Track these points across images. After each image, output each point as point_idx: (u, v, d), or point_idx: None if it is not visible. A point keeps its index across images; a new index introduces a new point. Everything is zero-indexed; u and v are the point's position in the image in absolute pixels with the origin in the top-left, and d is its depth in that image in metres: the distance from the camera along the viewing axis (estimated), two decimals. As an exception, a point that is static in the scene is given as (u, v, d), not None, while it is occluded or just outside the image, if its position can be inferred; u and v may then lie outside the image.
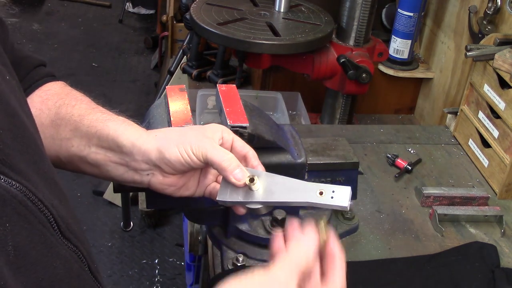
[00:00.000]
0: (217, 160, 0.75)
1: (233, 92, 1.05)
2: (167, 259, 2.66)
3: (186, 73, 2.25)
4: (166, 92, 1.01)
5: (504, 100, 1.36)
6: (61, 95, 0.87)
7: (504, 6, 1.55)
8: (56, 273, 0.58)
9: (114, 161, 0.82)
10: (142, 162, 0.80)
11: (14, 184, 0.55)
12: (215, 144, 0.77)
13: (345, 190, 0.75)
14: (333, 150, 1.13)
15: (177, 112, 0.97)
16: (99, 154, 0.82)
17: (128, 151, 0.80)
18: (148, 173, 0.82)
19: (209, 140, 0.78)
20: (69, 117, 0.84)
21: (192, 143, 0.77)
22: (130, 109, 3.75)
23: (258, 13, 1.77)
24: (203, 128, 0.82)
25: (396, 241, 1.23)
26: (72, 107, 0.85)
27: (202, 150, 0.76)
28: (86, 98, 0.89)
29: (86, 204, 2.92)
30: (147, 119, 1.00)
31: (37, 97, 0.87)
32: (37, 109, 0.84)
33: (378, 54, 1.79)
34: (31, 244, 0.56)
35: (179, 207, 1.07)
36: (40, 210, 0.59)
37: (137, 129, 0.82)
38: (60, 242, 0.61)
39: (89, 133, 0.82)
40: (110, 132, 0.81)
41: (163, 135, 0.80)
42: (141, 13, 5.17)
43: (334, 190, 0.75)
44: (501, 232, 1.27)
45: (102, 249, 2.68)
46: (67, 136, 0.83)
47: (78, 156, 0.84)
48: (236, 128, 0.96)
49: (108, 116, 0.84)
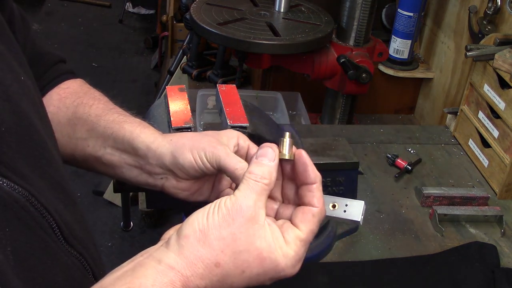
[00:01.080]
0: (230, 168, 0.73)
1: (233, 92, 1.05)
2: (167, 259, 2.65)
3: (186, 73, 2.25)
4: (166, 92, 1.01)
5: (504, 100, 1.36)
6: (79, 93, 0.87)
7: (504, 6, 1.55)
8: (55, 281, 0.57)
9: (128, 163, 0.82)
10: (156, 166, 0.79)
11: (16, 188, 0.55)
12: (229, 151, 0.75)
13: (358, 204, 0.74)
14: (333, 150, 1.13)
15: (177, 112, 0.96)
16: (114, 155, 0.82)
17: (143, 154, 0.79)
18: (162, 177, 0.81)
19: (223, 147, 0.76)
20: (86, 117, 0.83)
21: (206, 149, 0.76)
22: (130, 109, 3.74)
23: (258, 13, 1.77)
24: (219, 134, 0.80)
25: (396, 241, 1.23)
26: (89, 107, 0.84)
27: (215, 157, 0.75)
28: (104, 97, 0.89)
29: (86, 204, 2.91)
30: (147, 119, 1.00)
31: (55, 94, 0.87)
32: (55, 107, 0.84)
33: (378, 54, 1.79)
34: (30, 250, 0.55)
35: (179, 207, 1.07)
36: (42, 216, 0.57)
37: (153, 132, 0.81)
38: (62, 249, 0.60)
39: (105, 134, 0.82)
40: (126, 134, 0.80)
41: (178, 139, 0.79)
42: (141, 13, 5.17)
43: (347, 204, 0.74)
44: (501, 232, 1.27)
45: (102, 249, 2.67)
46: (83, 136, 0.83)
47: (93, 156, 0.84)
48: (236, 128, 0.96)
49: (125, 117, 0.84)
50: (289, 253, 0.60)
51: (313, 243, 1.13)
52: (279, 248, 0.60)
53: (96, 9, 5.24)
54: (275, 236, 0.60)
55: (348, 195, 1.16)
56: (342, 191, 1.14)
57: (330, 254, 1.17)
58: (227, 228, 0.58)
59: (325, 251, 1.15)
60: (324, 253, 1.15)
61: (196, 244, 0.58)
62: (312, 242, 0.66)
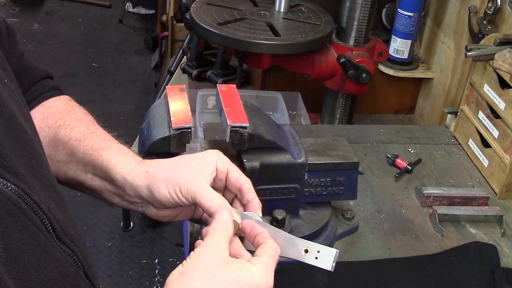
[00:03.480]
0: (206, 205, 0.74)
1: (233, 92, 1.05)
2: (167, 259, 2.66)
3: (186, 73, 2.25)
4: (166, 92, 1.01)
5: (504, 100, 1.36)
6: (62, 113, 0.87)
7: (504, 6, 1.55)
8: (49, 277, 0.58)
9: (109, 190, 0.83)
10: (135, 197, 0.81)
11: (9, 186, 0.56)
12: (205, 185, 0.76)
13: (330, 252, 0.74)
14: (333, 150, 1.13)
15: (177, 112, 0.96)
16: (95, 181, 0.83)
17: (121, 185, 0.81)
18: (142, 205, 0.82)
19: (199, 179, 0.76)
20: (67, 140, 0.84)
21: (181, 184, 0.76)
22: (130, 109, 3.76)
23: (258, 13, 1.78)
24: (197, 160, 0.80)
25: (396, 241, 1.23)
26: (71, 129, 0.84)
27: (190, 193, 0.76)
28: (87, 117, 0.89)
29: (86, 204, 2.91)
30: (147, 119, 1.00)
31: (38, 113, 0.86)
32: (38, 127, 0.82)
33: (378, 54, 1.79)
34: (23, 247, 0.55)
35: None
36: (35, 213, 0.58)
37: (129, 161, 0.82)
38: (55, 245, 0.61)
39: (84, 160, 0.82)
40: (104, 163, 0.81)
41: (154, 171, 0.79)
42: (141, 13, 5.16)
43: (320, 251, 0.74)
44: (501, 232, 1.27)
45: (102, 249, 2.68)
46: (64, 160, 0.84)
47: (75, 180, 0.85)
48: (236, 128, 0.96)
49: (104, 143, 0.84)
50: (258, 266, 0.69)
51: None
52: (248, 266, 0.68)
53: (96, 9, 5.24)
54: (241, 262, 0.69)
55: (348, 195, 1.16)
56: (342, 191, 1.14)
57: (330, 254, 1.17)
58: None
59: (325, 251, 1.15)
60: (324, 253, 1.15)
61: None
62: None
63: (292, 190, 1.09)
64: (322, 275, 1.09)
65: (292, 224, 1.11)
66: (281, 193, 1.08)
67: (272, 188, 1.07)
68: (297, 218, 1.13)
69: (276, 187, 1.07)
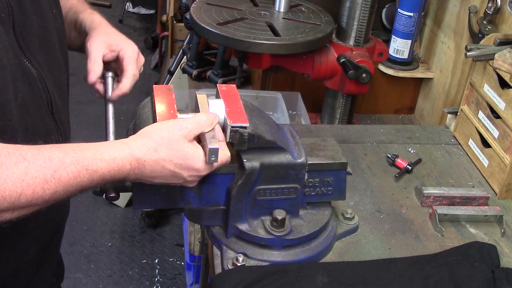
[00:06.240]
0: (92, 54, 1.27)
1: (233, 92, 1.05)
2: (167, 259, 2.66)
3: (186, 73, 2.25)
4: (153, 92, 1.01)
5: (504, 100, 1.36)
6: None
7: (504, 6, 1.55)
8: (48, 129, 0.99)
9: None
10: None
11: (35, 70, 0.94)
12: (101, 48, 1.27)
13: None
14: (322, 151, 1.12)
15: (163, 112, 0.96)
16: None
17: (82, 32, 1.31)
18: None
19: (100, 47, 1.29)
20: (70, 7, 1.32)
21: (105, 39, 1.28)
22: (130, 109, 3.75)
23: (258, 13, 1.78)
24: (120, 38, 1.28)
25: (396, 241, 1.23)
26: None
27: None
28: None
29: (86, 204, 2.92)
30: (133, 119, 1.00)
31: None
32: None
33: (378, 54, 1.79)
34: (32, 103, 0.93)
35: (166, 207, 1.07)
36: (43, 88, 0.96)
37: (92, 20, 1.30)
38: (50, 118, 0.99)
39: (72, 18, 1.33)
40: (78, 21, 1.30)
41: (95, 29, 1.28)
42: (141, 13, 5.17)
43: None
44: (501, 232, 1.27)
45: (102, 249, 2.68)
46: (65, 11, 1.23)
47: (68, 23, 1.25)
48: (236, 128, 0.96)
49: (82, 8, 1.33)
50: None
51: (313, 243, 1.13)
52: None
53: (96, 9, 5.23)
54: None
55: (337, 195, 1.16)
56: (331, 192, 1.14)
57: (330, 254, 1.17)
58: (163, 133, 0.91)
59: (325, 251, 1.15)
60: (324, 253, 1.15)
61: (145, 137, 0.90)
62: (313, 242, 0.67)
63: (292, 190, 1.09)
64: (322, 275, 1.09)
65: (292, 224, 1.11)
66: (281, 193, 1.08)
67: (272, 188, 1.07)
68: (297, 218, 1.12)
69: (276, 187, 1.07)
